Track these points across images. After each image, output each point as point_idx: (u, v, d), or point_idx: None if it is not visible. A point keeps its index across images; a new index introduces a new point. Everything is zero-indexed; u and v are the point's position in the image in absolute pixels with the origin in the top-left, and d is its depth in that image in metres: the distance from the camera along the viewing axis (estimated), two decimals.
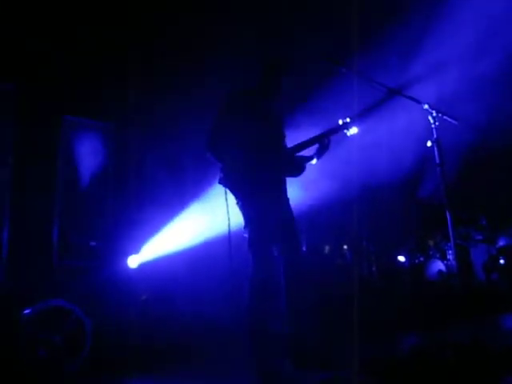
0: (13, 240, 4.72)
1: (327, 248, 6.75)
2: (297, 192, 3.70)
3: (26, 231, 4.77)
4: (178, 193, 5.53)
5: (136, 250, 5.15)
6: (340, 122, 3.57)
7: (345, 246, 6.86)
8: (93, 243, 5.22)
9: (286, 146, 3.58)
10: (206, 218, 5.12)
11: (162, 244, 5.22)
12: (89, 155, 5.39)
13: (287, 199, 3.51)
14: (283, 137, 3.59)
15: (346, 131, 3.57)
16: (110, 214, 5.32)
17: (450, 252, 6.21)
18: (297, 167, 3.56)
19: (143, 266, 5.10)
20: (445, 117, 3.27)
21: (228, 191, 3.37)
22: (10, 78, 4.90)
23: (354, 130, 3.58)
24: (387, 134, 5.73)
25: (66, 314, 3.66)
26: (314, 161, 3.60)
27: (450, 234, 3.28)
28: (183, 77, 5.57)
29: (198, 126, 4.29)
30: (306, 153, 3.60)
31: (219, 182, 3.36)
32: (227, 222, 3.36)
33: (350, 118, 3.56)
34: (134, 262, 5.10)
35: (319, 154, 3.57)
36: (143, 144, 5.60)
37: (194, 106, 5.41)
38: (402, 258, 6.38)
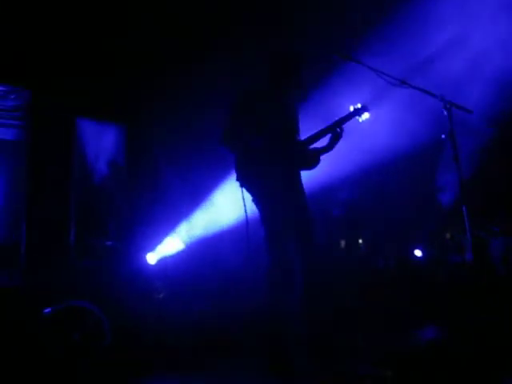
0: (30, 241, 4.78)
1: (343, 242, 6.72)
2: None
3: (43, 232, 4.82)
4: (189, 191, 5.55)
5: (153, 248, 5.19)
6: (351, 108, 3.54)
7: (360, 240, 6.82)
8: (109, 243, 5.27)
9: (299, 140, 3.57)
10: (220, 215, 5.15)
11: (177, 241, 5.26)
12: (103, 156, 5.44)
13: (302, 194, 3.50)
14: (297, 132, 3.58)
15: (357, 117, 3.54)
16: (125, 213, 5.36)
17: (467, 245, 6.13)
18: (311, 160, 3.55)
19: (160, 265, 5.13)
20: (459, 108, 3.23)
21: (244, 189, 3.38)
22: (25, 82, 4.97)
23: (365, 116, 3.55)
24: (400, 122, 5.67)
25: (84, 314, 3.70)
26: (327, 151, 3.57)
27: (467, 226, 3.25)
28: (196, 77, 5.58)
29: (210, 125, 4.30)
30: (317, 144, 3.59)
31: (236, 180, 3.38)
32: (244, 219, 3.35)
33: (361, 104, 3.53)
34: (152, 258, 5.16)
35: (332, 144, 3.54)
36: (157, 144, 5.63)
37: (207, 106, 5.43)
38: (418, 253, 6.32)
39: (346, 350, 3.37)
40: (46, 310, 3.69)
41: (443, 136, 3.29)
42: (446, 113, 3.21)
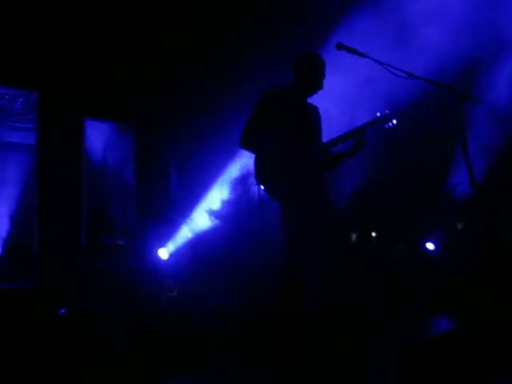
0: (42, 243, 4.83)
1: (354, 236, 6.69)
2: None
3: (55, 233, 4.87)
4: (199, 189, 5.57)
5: (163, 244, 5.26)
6: (378, 114, 3.47)
7: (373, 234, 6.79)
8: (120, 241, 5.32)
9: (321, 141, 3.54)
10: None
11: (186, 237, 5.33)
12: (112, 156, 5.47)
13: (324, 192, 3.46)
14: (318, 133, 3.55)
15: (384, 124, 3.46)
16: (135, 211, 5.41)
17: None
18: (332, 162, 3.52)
19: (171, 262, 5.18)
20: (468, 99, 3.17)
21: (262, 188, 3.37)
22: (33, 85, 5.01)
23: (392, 122, 3.47)
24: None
25: (97, 314, 3.73)
26: (350, 157, 3.51)
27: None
28: (205, 77, 5.59)
29: (216, 122, 4.32)
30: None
31: (255, 180, 3.37)
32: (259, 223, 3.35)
33: (389, 110, 3.46)
34: (163, 253, 5.23)
35: (356, 150, 3.45)
36: (166, 143, 5.65)
37: (215, 106, 5.45)
38: (430, 246, 6.26)
39: (361, 345, 3.35)
40: (61, 311, 3.73)
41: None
42: (457, 105, 3.14)
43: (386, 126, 3.46)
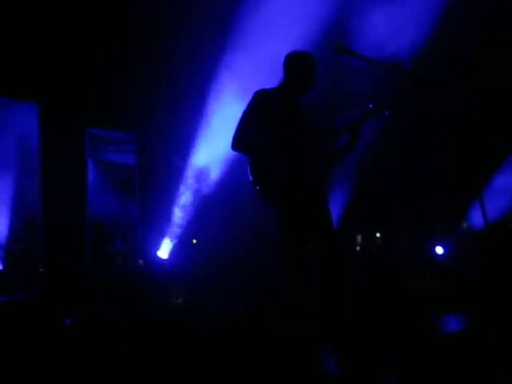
0: (48, 252, 4.86)
1: (359, 237, 6.69)
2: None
3: (60, 241, 4.91)
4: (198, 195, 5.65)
5: (162, 244, 5.39)
6: (370, 106, 3.44)
7: (378, 234, 6.78)
8: (119, 247, 5.38)
9: (315, 140, 3.53)
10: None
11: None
12: (113, 164, 5.52)
13: (318, 192, 3.45)
14: (312, 132, 3.54)
15: (376, 115, 3.44)
16: (137, 217, 5.47)
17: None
18: (329, 159, 3.53)
19: (176, 269, 5.23)
20: None
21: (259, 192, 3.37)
22: (35, 97, 5.03)
23: (385, 112, 3.44)
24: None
25: (103, 321, 3.75)
26: (347, 152, 3.50)
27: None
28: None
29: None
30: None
31: (251, 182, 3.36)
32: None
33: (380, 102, 3.44)
34: (163, 253, 5.33)
35: (352, 144, 3.43)
36: (166, 150, 5.69)
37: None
38: (439, 250, 6.17)
39: (366, 342, 3.35)
40: (68, 322, 3.74)
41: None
42: None
43: (378, 116, 3.44)
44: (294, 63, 3.46)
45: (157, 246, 5.40)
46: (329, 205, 3.44)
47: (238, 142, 3.29)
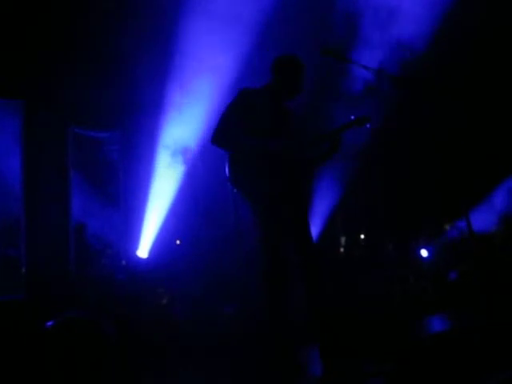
0: (30, 254, 4.79)
1: (343, 239, 6.70)
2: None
3: (43, 244, 4.84)
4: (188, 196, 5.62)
5: (141, 244, 5.41)
6: (352, 117, 3.46)
7: (362, 236, 6.79)
8: (108, 250, 5.34)
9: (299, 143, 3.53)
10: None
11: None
12: (98, 164, 5.47)
13: (300, 194, 3.46)
14: (295, 136, 3.54)
15: (359, 126, 3.47)
16: (122, 221, 5.44)
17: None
18: (307, 164, 3.53)
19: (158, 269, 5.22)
20: None
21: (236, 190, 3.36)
22: (18, 95, 4.96)
23: (367, 123, 3.47)
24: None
25: (88, 325, 3.69)
26: (324, 160, 3.51)
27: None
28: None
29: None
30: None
31: (228, 181, 3.34)
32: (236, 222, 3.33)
33: (363, 114, 3.46)
34: (143, 253, 5.35)
35: (330, 153, 3.45)
36: (150, 148, 5.67)
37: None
38: (424, 253, 6.21)
39: (352, 345, 3.35)
40: (48, 324, 3.67)
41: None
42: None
43: (361, 127, 3.48)
44: (283, 67, 3.46)
45: (137, 246, 5.39)
46: (309, 218, 3.44)
47: (219, 136, 3.27)
